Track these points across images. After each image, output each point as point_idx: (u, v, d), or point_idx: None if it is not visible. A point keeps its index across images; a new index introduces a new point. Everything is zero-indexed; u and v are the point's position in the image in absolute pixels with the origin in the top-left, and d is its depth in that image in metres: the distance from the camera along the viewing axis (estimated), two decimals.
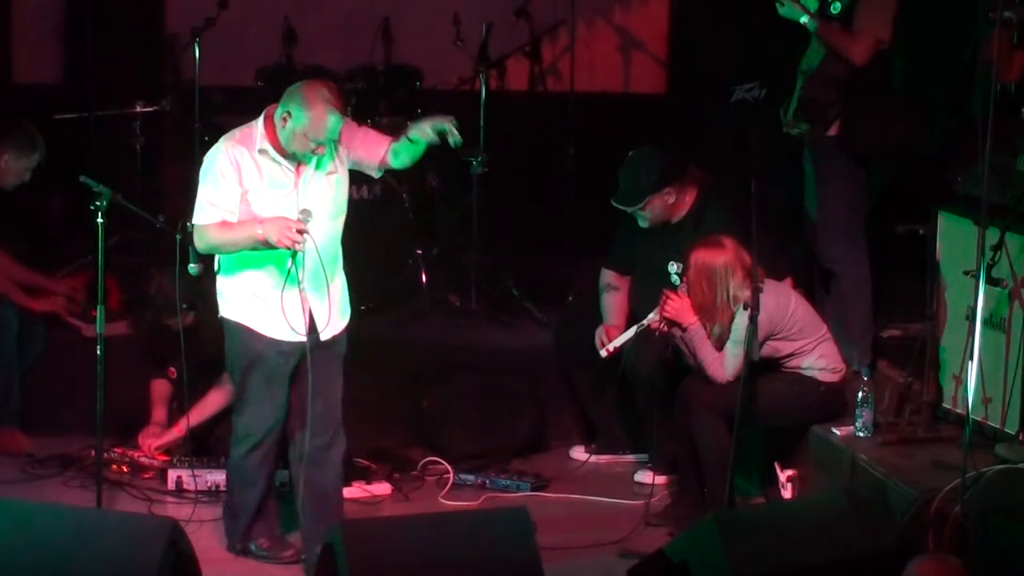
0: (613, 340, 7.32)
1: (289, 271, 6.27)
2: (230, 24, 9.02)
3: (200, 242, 6.38)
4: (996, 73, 6.26)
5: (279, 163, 6.32)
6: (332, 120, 6.24)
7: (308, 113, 6.22)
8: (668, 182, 7.31)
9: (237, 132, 6.40)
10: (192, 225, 6.37)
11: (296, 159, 6.32)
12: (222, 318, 6.53)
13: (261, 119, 6.37)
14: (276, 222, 6.24)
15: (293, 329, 6.35)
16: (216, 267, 6.51)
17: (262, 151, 6.32)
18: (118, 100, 8.81)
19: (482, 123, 8.74)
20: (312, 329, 6.40)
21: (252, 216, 6.30)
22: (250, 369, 6.48)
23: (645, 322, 7.14)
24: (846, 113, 7.30)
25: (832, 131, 7.36)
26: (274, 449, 6.62)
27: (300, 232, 6.19)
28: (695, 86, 9.57)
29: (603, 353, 7.35)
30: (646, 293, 7.26)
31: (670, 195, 7.34)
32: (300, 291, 6.31)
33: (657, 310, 7.04)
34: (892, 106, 7.37)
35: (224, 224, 6.30)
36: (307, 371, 6.32)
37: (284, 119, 6.26)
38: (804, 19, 7.27)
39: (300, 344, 6.37)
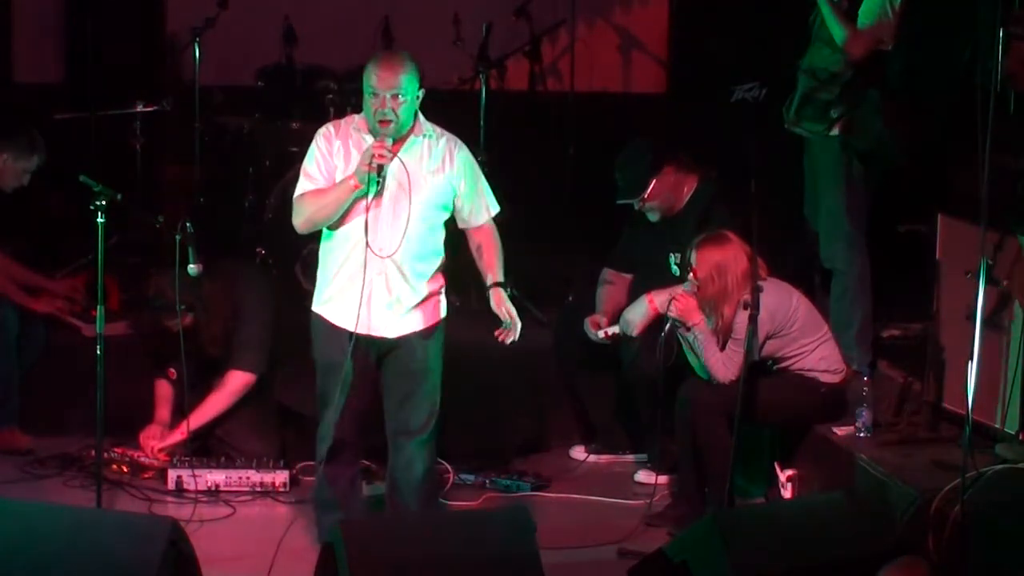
0: (611, 326, 7.35)
1: (378, 185, 6.16)
2: (230, 24, 9.03)
3: (296, 216, 6.33)
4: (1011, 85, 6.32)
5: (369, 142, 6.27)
6: (380, 67, 6.19)
7: (366, 71, 6.23)
8: (665, 162, 7.35)
9: (335, 121, 6.47)
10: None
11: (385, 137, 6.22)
12: (312, 313, 6.50)
13: None
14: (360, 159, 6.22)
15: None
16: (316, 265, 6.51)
17: (357, 129, 6.31)
18: (118, 100, 8.81)
19: (482, 123, 8.74)
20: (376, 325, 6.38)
21: None
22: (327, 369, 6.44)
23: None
24: (848, 113, 7.30)
25: (835, 130, 7.36)
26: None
27: (382, 146, 6.13)
28: (695, 86, 9.58)
29: (600, 335, 7.36)
30: (647, 290, 7.26)
31: (670, 175, 7.37)
32: (374, 280, 6.29)
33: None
34: (893, 106, 7.37)
35: (316, 191, 6.29)
36: (389, 372, 6.42)
37: (363, 95, 6.28)
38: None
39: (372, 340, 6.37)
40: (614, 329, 7.33)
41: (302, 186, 6.34)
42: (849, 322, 7.47)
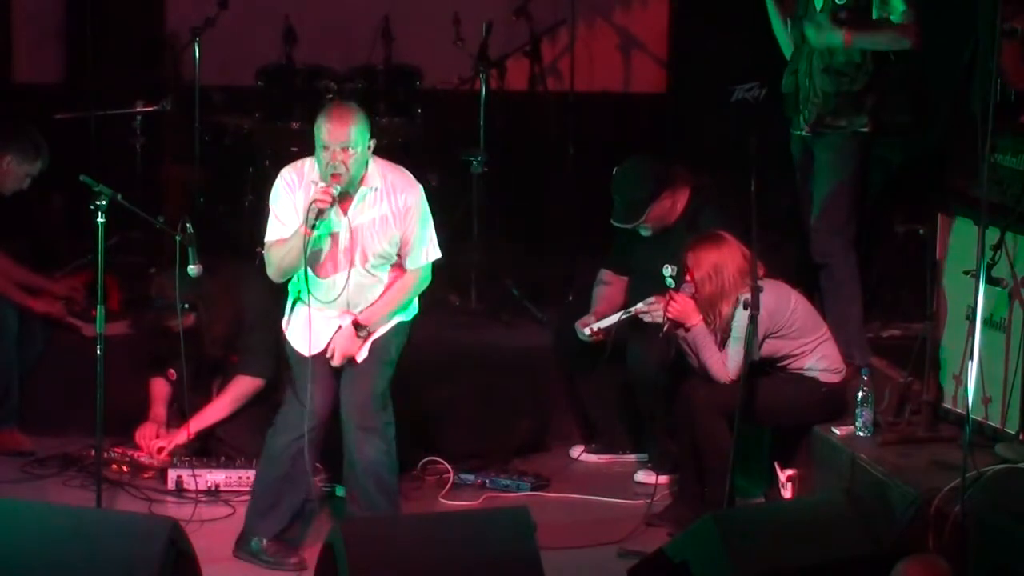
0: (599, 322, 7.36)
1: (318, 229, 6.33)
2: (230, 24, 9.02)
3: (268, 267, 6.55)
4: (1006, 82, 6.32)
5: None
6: (330, 120, 6.35)
7: (317, 123, 6.38)
8: (662, 188, 7.37)
9: (297, 162, 6.58)
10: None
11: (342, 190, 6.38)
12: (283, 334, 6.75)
13: None
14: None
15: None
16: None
17: (313, 181, 6.44)
18: (118, 100, 8.81)
19: (482, 123, 8.74)
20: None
21: None
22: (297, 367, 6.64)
23: (632, 310, 7.20)
24: (882, 98, 7.33)
25: (865, 123, 7.37)
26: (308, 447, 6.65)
27: (327, 192, 6.29)
28: (695, 86, 9.57)
29: (587, 332, 7.39)
30: (642, 297, 7.27)
31: (667, 200, 7.40)
32: (340, 322, 6.55)
33: (646, 301, 7.11)
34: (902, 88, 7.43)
35: (279, 241, 6.46)
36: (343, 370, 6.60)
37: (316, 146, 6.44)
38: (839, 38, 7.23)
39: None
40: (599, 325, 7.35)
41: (271, 231, 6.51)
42: (846, 318, 7.48)
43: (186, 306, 7.13)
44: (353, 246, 6.47)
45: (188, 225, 6.51)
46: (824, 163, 7.48)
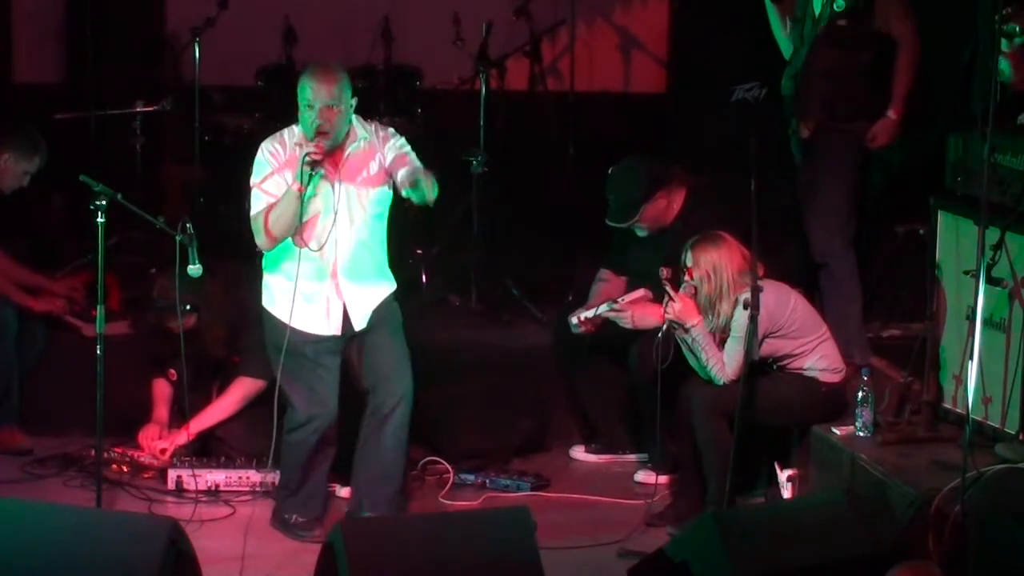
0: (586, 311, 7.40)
1: (307, 174, 6.39)
2: (230, 24, 9.02)
3: (257, 236, 6.59)
4: (1007, 83, 6.35)
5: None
6: (314, 79, 6.45)
7: (300, 83, 6.49)
8: (657, 188, 7.36)
9: (275, 135, 6.68)
10: (251, 223, 6.62)
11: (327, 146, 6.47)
12: (262, 308, 6.80)
13: None
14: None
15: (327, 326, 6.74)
16: (261, 263, 6.79)
17: (298, 144, 6.52)
18: (118, 100, 8.81)
19: (482, 123, 8.74)
20: (347, 323, 6.70)
21: None
22: (289, 359, 6.65)
23: (617, 300, 7.24)
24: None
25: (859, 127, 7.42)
26: (326, 434, 6.84)
27: (318, 146, 6.38)
28: (695, 86, 9.58)
29: (574, 320, 7.41)
30: None
31: (662, 200, 7.39)
32: (335, 284, 6.63)
33: (634, 292, 7.20)
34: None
35: (269, 207, 6.53)
36: (362, 350, 6.75)
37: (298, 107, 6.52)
38: (892, 121, 7.40)
39: (336, 336, 6.72)
40: (586, 314, 7.37)
41: (258, 203, 6.57)
42: (846, 317, 7.49)
43: (188, 308, 7.13)
44: (348, 200, 6.58)
45: (188, 225, 6.51)
46: (823, 164, 7.49)
